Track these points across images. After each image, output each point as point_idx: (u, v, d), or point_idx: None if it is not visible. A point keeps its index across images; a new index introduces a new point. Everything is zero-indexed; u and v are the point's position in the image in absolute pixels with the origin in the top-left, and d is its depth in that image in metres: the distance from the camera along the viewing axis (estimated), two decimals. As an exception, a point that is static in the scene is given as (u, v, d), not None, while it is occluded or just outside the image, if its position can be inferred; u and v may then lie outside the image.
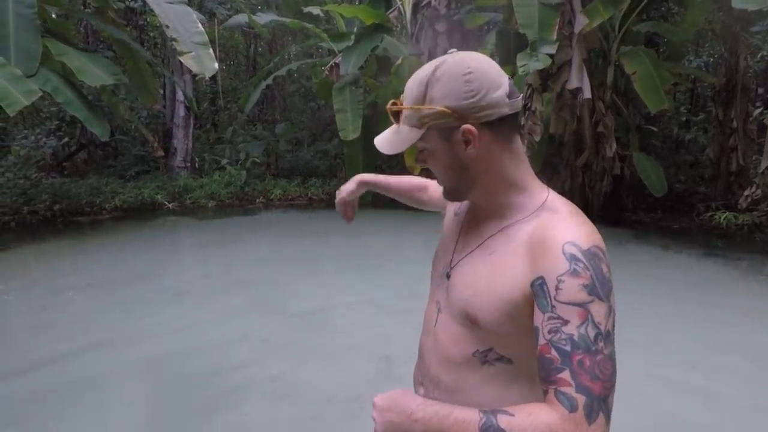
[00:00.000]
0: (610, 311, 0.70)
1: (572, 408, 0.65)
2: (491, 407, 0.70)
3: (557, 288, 0.70)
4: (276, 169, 11.47)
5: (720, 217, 7.11)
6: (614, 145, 7.18)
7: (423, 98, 0.78)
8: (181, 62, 6.40)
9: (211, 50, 5.97)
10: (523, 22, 5.92)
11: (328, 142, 12.25)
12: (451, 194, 0.87)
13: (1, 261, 5.58)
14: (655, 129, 9.11)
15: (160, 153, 9.06)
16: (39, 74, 5.73)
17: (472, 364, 0.82)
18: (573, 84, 6.20)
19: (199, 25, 6.13)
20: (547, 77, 6.67)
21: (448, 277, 0.88)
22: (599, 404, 0.66)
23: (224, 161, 10.63)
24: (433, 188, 1.22)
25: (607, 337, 0.69)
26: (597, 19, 6.10)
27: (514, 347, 0.78)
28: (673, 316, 3.84)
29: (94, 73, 5.95)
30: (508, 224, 0.80)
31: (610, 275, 0.73)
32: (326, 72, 8.23)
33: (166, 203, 9.07)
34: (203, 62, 5.67)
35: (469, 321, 0.81)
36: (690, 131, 9.71)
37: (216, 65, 5.84)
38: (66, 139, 10.19)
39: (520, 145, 0.83)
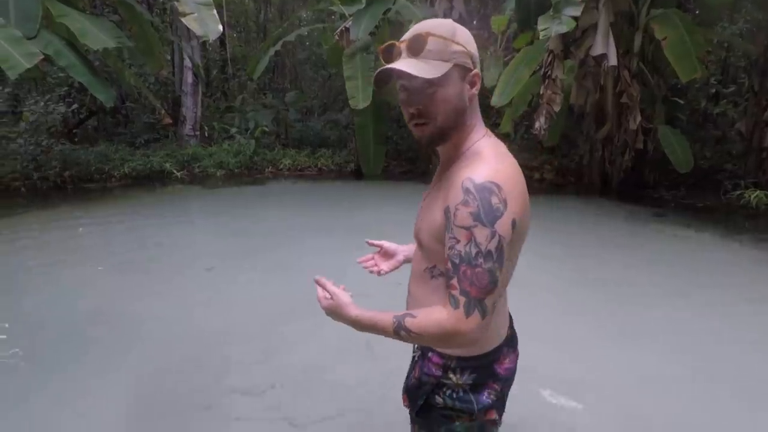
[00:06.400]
0: (493, 235, 0.86)
1: (455, 306, 0.87)
2: None
3: (454, 215, 0.88)
4: (285, 139, 11.28)
5: (750, 196, 6.73)
6: (638, 118, 6.80)
7: (453, 36, 0.92)
8: (188, 27, 6.16)
9: (215, 12, 5.72)
10: (547, -18, 5.52)
11: (338, 112, 11.96)
12: (437, 137, 0.98)
13: (9, 225, 5.57)
14: (681, 101, 8.61)
15: (168, 121, 8.93)
16: (40, 36, 5.57)
17: (425, 278, 1.06)
18: (597, 50, 5.81)
19: (204, -15, 5.85)
20: (569, 43, 6.27)
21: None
22: (475, 304, 0.86)
23: (233, 130, 10.46)
24: None
25: (487, 255, 0.86)
26: (627, -22, 5.66)
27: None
28: (690, 299, 3.64)
29: (97, 36, 5.76)
30: (450, 170, 0.97)
31: (504, 206, 0.86)
32: (336, 37, 7.89)
33: (175, 171, 8.98)
34: (207, 24, 5.43)
35: (420, 244, 1.06)
36: (719, 104, 9.17)
37: (220, 27, 5.59)
38: (75, 106, 10.09)
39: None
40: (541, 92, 6.40)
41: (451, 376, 1.06)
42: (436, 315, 0.91)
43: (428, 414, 1.10)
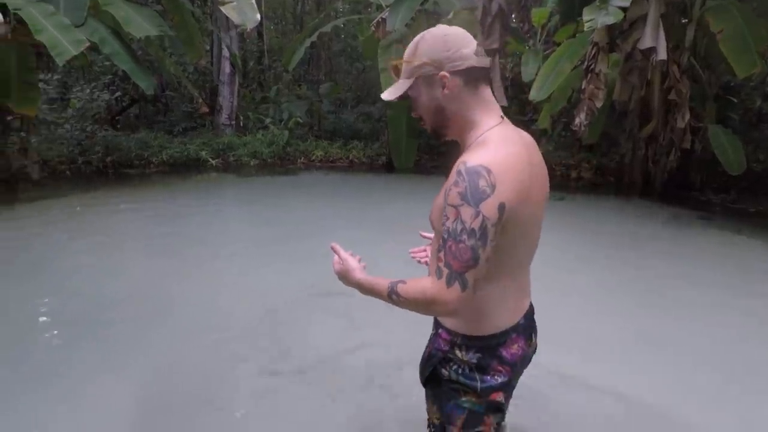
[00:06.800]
0: (477, 215, 0.93)
1: (439, 276, 0.96)
2: None
3: (447, 194, 0.97)
4: (318, 130, 11.33)
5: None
6: (687, 116, 6.43)
7: (413, 55, 1.08)
8: (227, 18, 6.24)
9: (253, 1, 5.74)
10: (594, -30, 5.26)
11: (371, 105, 11.92)
12: (435, 133, 1.17)
13: (56, 206, 5.81)
14: (734, 99, 8.10)
15: (205, 110, 9.11)
16: (87, 24, 5.75)
17: (436, 255, 1.12)
18: (646, 43, 5.49)
19: (243, -26, 5.89)
20: (615, 35, 5.97)
21: None
22: (456, 276, 0.94)
23: (268, 120, 10.59)
24: None
25: (471, 232, 0.94)
26: (682, -33, 5.33)
27: None
28: (737, 309, 3.40)
29: (139, 24, 5.91)
30: (458, 159, 1.03)
31: (491, 190, 0.94)
32: (372, 28, 7.82)
33: (210, 160, 9.17)
34: (245, 12, 5.48)
35: (432, 226, 1.13)
36: (776, 104, 8.57)
37: (258, 16, 5.63)
38: (118, 94, 10.46)
39: (487, 92, 1.10)
40: (583, 87, 6.13)
41: (457, 352, 1.15)
42: (422, 283, 1.01)
43: (437, 386, 1.20)
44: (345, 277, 1.18)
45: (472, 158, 0.98)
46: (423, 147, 10.07)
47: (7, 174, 6.96)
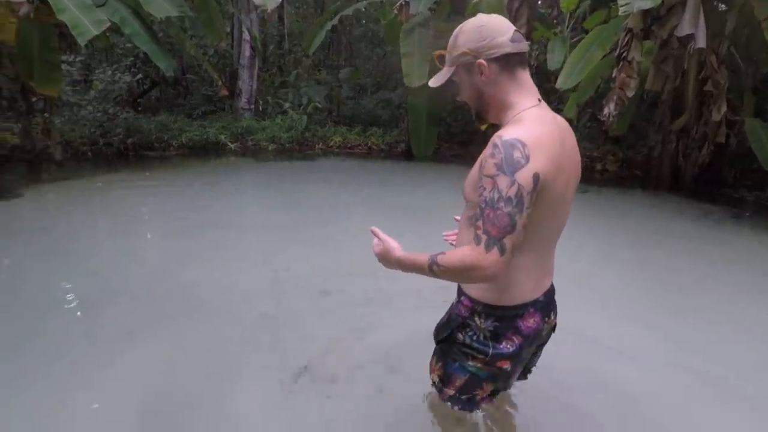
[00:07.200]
0: (513, 183, 1.01)
1: (478, 242, 1.04)
2: None
3: (483, 166, 1.06)
4: (337, 116, 11.22)
5: None
6: (723, 108, 6.12)
7: (454, 46, 1.19)
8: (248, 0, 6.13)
9: (275, -19, 5.61)
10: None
11: (391, 91, 11.73)
12: (477, 117, 1.26)
13: (78, 186, 5.87)
14: (774, 92, 7.70)
15: (225, 93, 9.07)
16: (108, 4, 5.72)
17: (467, 225, 1.22)
18: (684, 30, 5.21)
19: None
20: (651, 21, 5.68)
21: None
22: (495, 242, 1.02)
23: (287, 105, 10.51)
24: None
25: (507, 200, 1.01)
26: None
27: None
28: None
29: (160, 5, 5.85)
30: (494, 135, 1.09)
31: (526, 161, 1.01)
32: (395, 11, 7.63)
33: (229, 144, 9.16)
34: (266, -6, 5.35)
35: (464, 198, 1.23)
36: (819, 97, 8.12)
37: (279, -2, 5.49)
38: (140, 76, 10.49)
39: (524, 76, 1.17)
40: (614, 75, 5.88)
41: (476, 319, 1.24)
42: (461, 251, 1.07)
43: (449, 346, 1.32)
44: (386, 256, 1.25)
45: (507, 133, 1.06)
46: (443, 135, 9.89)
47: (32, 155, 7.05)
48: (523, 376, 1.52)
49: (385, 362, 2.36)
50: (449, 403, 1.37)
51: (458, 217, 1.50)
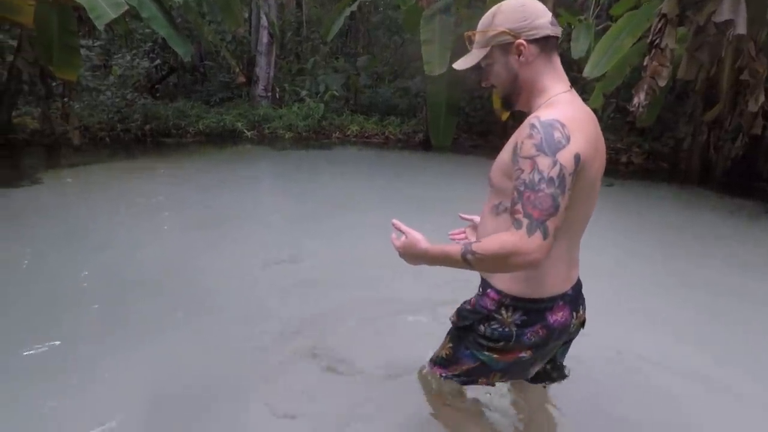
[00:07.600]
0: (554, 163, 0.97)
1: (519, 227, 0.98)
2: None
3: (520, 148, 1.02)
4: (354, 105, 11.08)
5: None
6: (761, 99, 5.81)
7: (490, 25, 1.15)
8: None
9: (294, -36, 5.47)
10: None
11: (409, 80, 11.54)
12: (505, 103, 1.21)
13: (98, 171, 5.88)
14: (814, 83, 7.31)
15: (242, 80, 9.01)
16: (127, -13, 5.65)
17: (491, 216, 1.21)
18: (723, 15, 4.93)
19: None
20: (686, 6, 5.40)
21: None
22: (537, 225, 0.97)
23: (304, 93, 10.41)
24: None
25: (550, 181, 0.97)
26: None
27: None
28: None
29: (178, -12, 5.77)
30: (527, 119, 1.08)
31: (566, 141, 0.98)
32: (416, -4, 7.43)
33: (246, 131, 9.11)
34: (285, -24, 5.21)
35: (491, 184, 1.21)
36: None
37: (298, -19, 5.35)
38: (158, 62, 10.49)
39: (558, 62, 1.16)
40: (645, 63, 5.61)
41: (503, 312, 1.19)
42: (500, 237, 1.01)
43: (466, 334, 1.28)
44: (410, 250, 1.18)
45: (544, 114, 1.02)
46: (462, 125, 9.68)
47: (51, 139, 7.10)
48: (561, 375, 1.47)
49: (402, 356, 2.26)
50: (443, 378, 1.38)
51: (466, 216, 1.49)
